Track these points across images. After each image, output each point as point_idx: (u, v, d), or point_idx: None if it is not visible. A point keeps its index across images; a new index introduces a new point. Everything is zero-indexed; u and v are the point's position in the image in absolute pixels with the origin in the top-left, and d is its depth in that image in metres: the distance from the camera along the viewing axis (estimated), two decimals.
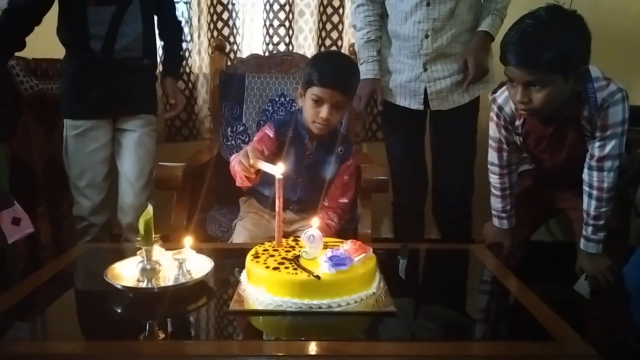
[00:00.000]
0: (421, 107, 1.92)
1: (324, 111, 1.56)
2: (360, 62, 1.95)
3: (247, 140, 2.08)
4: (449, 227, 2.08)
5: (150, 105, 2.04)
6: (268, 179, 1.49)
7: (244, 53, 2.40)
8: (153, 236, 1.12)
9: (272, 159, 1.61)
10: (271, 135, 1.66)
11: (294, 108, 2.10)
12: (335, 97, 1.56)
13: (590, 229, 1.53)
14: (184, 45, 2.32)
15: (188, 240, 1.22)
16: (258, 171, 1.39)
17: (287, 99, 2.15)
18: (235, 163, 1.43)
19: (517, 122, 1.57)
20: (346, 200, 1.73)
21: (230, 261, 1.36)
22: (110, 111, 1.92)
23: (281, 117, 2.09)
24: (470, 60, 1.81)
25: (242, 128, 2.15)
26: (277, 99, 2.15)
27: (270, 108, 2.15)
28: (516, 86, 1.36)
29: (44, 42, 2.28)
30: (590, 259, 1.54)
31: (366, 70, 1.94)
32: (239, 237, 1.68)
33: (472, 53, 1.83)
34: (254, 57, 2.25)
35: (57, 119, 2.07)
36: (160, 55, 2.10)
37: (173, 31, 2.08)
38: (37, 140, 1.94)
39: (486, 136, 1.77)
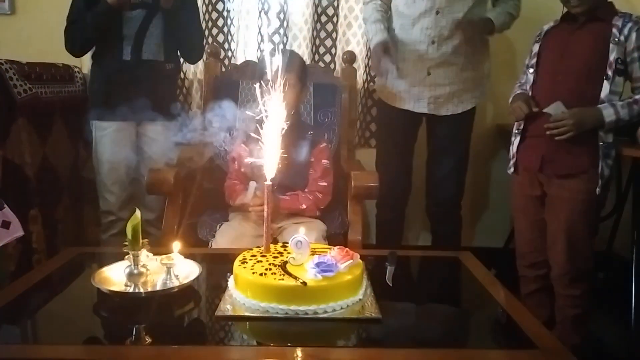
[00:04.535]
0: (425, 110, 1.99)
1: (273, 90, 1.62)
2: (369, 23, 2.00)
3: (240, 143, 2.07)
4: (440, 225, 2.18)
5: (172, 111, 2.12)
6: (256, 177, 1.68)
7: (239, 59, 2.41)
8: (141, 241, 1.12)
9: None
10: (245, 149, 1.82)
11: None
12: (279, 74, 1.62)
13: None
14: None
15: (176, 245, 1.23)
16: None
17: None
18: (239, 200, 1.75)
19: (546, 27, 1.74)
20: (325, 184, 1.82)
21: (219, 266, 1.37)
22: (133, 114, 2.01)
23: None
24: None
25: (235, 133, 2.16)
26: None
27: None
28: None
29: (39, 46, 2.31)
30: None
31: (375, 30, 1.97)
32: (222, 235, 1.72)
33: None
34: (248, 63, 2.26)
35: (51, 123, 2.09)
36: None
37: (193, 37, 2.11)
38: (31, 144, 1.94)
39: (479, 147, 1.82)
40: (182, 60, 2.20)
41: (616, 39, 1.55)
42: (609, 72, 1.55)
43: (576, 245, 1.63)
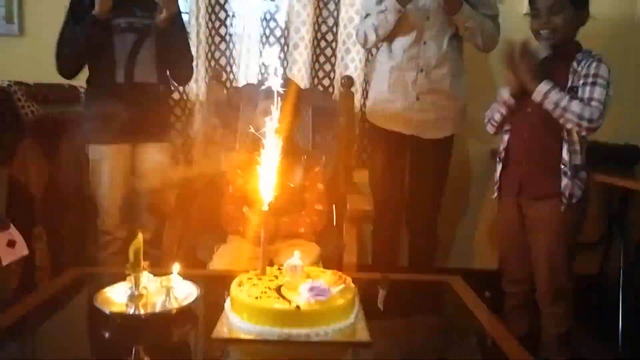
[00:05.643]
0: (413, 132, 2.14)
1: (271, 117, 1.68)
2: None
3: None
4: (417, 239, 2.34)
5: (166, 133, 2.22)
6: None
7: (240, 82, 2.48)
8: (142, 264, 1.17)
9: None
10: (240, 174, 1.87)
11: None
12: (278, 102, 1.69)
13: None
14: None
15: (176, 267, 1.27)
16: None
17: None
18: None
19: None
20: (321, 208, 1.88)
21: (216, 288, 1.40)
22: (127, 137, 2.07)
23: None
24: None
25: (236, 155, 2.21)
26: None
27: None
28: (540, 16, 1.68)
29: (46, 66, 2.37)
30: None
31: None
32: (220, 257, 1.77)
33: None
34: (249, 86, 2.33)
35: (57, 143, 2.15)
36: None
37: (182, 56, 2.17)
38: (37, 164, 1.99)
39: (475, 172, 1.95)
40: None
41: (572, 69, 1.67)
42: None
43: (556, 265, 1.73)
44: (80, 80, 2.25)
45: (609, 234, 2.51)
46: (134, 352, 1.07)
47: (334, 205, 1.96)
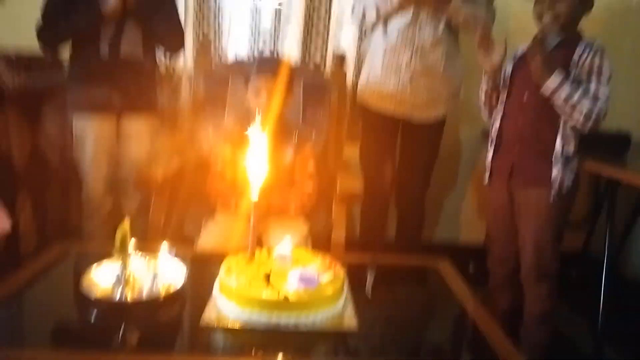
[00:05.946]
0: (406, 113, 2.12)
1: (262, 96, 1.73)
2: None
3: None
4: (405, 214, 2.35)
5: (152, 105, 2.18)
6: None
7: (229, 56, 2.42)
8: (129, 248, 1.15)
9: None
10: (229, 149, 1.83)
11: None
12: (270, 81, 1.73)
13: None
14: None
15: (164, 246, 1.26)
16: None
17: None
18: None
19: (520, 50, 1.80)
20: (311, 188, 1.86)
21: (205, 268, 1.39)
22: (113, 108, 2.04)
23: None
24: None
25: (224, 130, 2.17)
26: None
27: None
28: (544, 1, 1.66)
29: (28, 33, 2.28)
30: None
31: None
32: (208, 233, 1.76)
33: None
34: (238, 61, 2.27)
35: (40, 113, 2.09)
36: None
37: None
38: (19, 134, 1.95)
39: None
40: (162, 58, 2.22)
41: (573, 61, 1.66)
42: None
43: (543, 249, 1.75)
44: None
45: (594, 212, 2.54)
46: (119, 339, 1.06)
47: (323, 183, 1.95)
